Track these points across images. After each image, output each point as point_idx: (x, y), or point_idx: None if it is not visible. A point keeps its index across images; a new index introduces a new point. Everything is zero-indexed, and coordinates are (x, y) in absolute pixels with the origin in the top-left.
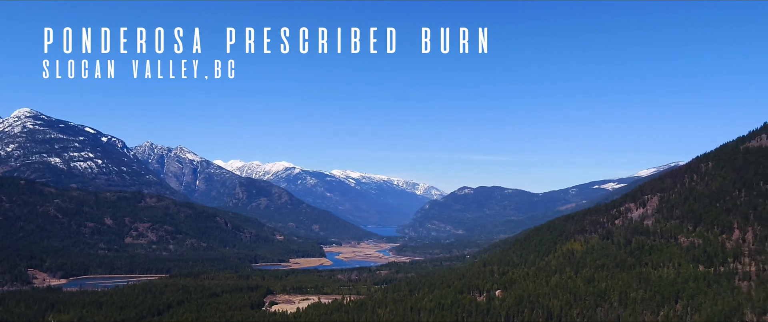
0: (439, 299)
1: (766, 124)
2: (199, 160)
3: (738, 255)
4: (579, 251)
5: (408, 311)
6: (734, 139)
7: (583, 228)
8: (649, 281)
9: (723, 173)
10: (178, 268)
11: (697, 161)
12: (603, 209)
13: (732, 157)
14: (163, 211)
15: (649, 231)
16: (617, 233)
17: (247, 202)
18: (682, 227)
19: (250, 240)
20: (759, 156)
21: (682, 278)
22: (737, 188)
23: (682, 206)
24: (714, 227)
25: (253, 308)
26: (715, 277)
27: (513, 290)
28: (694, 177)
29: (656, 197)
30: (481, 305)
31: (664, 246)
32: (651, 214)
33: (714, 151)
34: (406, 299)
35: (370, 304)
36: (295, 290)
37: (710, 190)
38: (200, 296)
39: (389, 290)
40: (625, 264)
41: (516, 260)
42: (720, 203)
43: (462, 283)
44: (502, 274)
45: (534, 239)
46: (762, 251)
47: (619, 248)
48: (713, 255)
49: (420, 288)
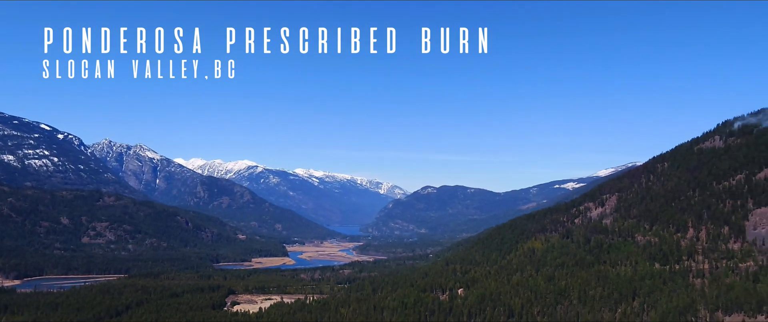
0: (402, 298)
1: (718, 127)
2: (160, 158)
3: (692, 253)
4: (540, 250)
5: (371, 310)
6: (689, 141)
7: (544, 227)
8: (608, 279)
9: (678, 173)
10: (137, 268)
11: (654, 162)
12: (563, 209)
13: (686, 157)
14: (122, 210)
15: (608, 230)
16: (577, 232)
17: (208, 201)
18: (639, 226)
19: (211, 240)
20: (712, 157)
21: (638, 276)
22: (691, 188)
23: (639, 206)
24: (669, 226)
25: (214, 308)
26: (671, 274)
27: (475, 288)
28: (651, 177)
29: (614, 197)
30: (444, 303)
31: (621, 245)
32: (609, 213)
33: (669, 152)
34: (369, 298)
35: (333, 303)
36: (257, 290)
37: (666, 190)
38: (160, 297)
39: (352, 290)
40: (584, 262)
41: (478, 259)
42: (675, 203)
43: (425, 282)
44: (465, 272)
45: (496, 238)
46: (715, 249)
47: (579, 246)
48: (668, 253)
49: (383, 287)
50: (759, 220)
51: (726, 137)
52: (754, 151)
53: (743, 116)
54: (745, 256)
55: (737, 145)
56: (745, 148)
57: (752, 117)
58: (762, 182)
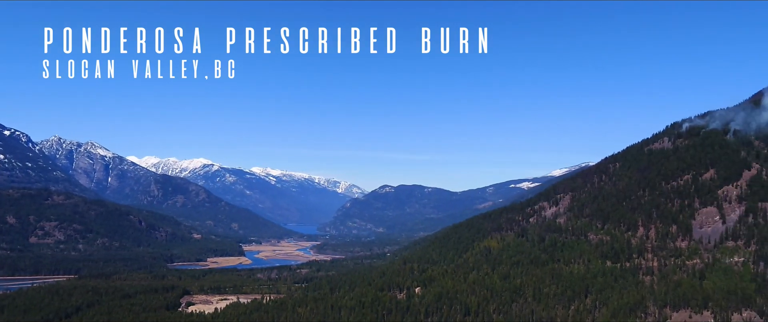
0: (359, 297)
1: (667, 128)
2: (112, 156)
3: (642, 251)
4: (496, 249)
5: (329, 310)
6: (639, 142)
7: (500, 226)
8: (561, 277)
9: (629, 173)
10: (87, 268)
11: (606, 162)
12: (518, 208)
13: (637, 158)
14: (72, 209)
15: (562, 229)
16: (532, 231)
17: (162, 199)
18: (592, 225)
19: (165, 239)
20: (661, 157)
21: (591, 274)
22: (641, 188)
23: (592, 205)
24: (620, 225)
25: (168, 309)
26: (621, 272)
27: (432, 287)
28: (603, 177)
29: (568, 196)
30: (401, 302)
31: (575, 243)
32: (563, 212)
33: (621, 153)
34: (326, 297)
35: (290, 303)
36: (213, 290)
37: (617, 189)
38: (112, 298)
39: (310, 289)
40: (539, 260)
41: (435, 258)
42: (626, 202)
43: (382, 281)
44: (422, 271)
45: (453, 236)
46: (663, 248)
47: (534, 245)
48: (620, 251)
49: (341, 286)
50: (705, 219)
51: (674, 139)
52: (700, 153)
53: (691, 118)
54: (691, 254)
55: (685, 146)
56: (692, 150)
57: (699, 119)
58: (708, 183)
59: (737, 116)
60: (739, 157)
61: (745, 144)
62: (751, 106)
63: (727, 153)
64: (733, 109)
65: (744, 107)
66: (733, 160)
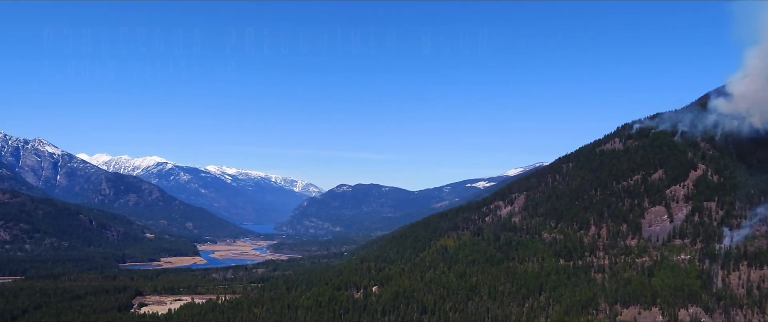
0: (316, 297)
1: (618, 129)
2: (61, 153)
3: (594, 249)
4: (452, 247)
5: (285, 309)
6: (592, 142)
7: (456, 225)
8: (516, 275)
9: (581, 173)
10: (35, 269)
11: (560, 162)
12: (474, 207)
13: (589, 158)
14: (18, 208)
15: (517, 228)
16: (487, 230)
17: (114, 198)
18: (546, 224)
19: (117, 239)
20: (612, 158)
21: (545, 272)
22: (594, 188)
23: (546, 204)
24: (573, 224)
25: (120, 310)
26: (574, 270)
27: (389, 286)
28: (557, 177)
29: (523, 196)
30: (358, 301)
31: (529, 242)
32: (518, 211)
33: (574, 153)
34: (283, 297)
35: (246, 303)
36: (166, 291)
37: (570, 189)
38: (60, 300)
39: (266, 289)
40: (494, 259)
41: (392, 257)
42: (579, 202)
43: (339, 280)
44: (379, 270)
45: (410, 235)
46: (614, 246)
47: (489, 244)
48: (572, 249)
49: (297, 286)
50: (653, 218)
51: (625, 140)
52: (650, 153)
53: (641, 120)
54: (641, 252)
55: (635, 147)
56: (642, 151)
57: (650, 120)
58: (656, 182)
59: (685, 118)
60: (686, 158)
61: (691, 145)
62: (699, 109)
63: (675, 154)
64: (681, 112)
65: (691, 109)
66: (680, 161)
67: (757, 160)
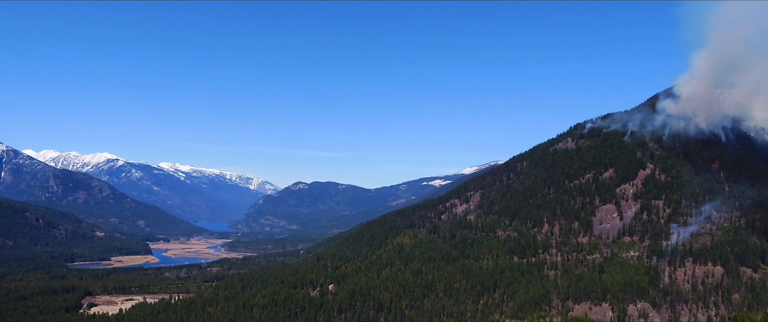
0: (272, 295)
1: (571, 129)
2: (5, 149)
3: (547, 247)
4: (408, 245)
5: (240, 308)
6: (545, 142)
7: (413, 223)
8: (471, 272)
9: (535, 171)
10: None
11: (514, 161)
12: (430, 205)
13: (543, 157)
14: None
15: (472, 225)
16: (443, 228)
17: (62, 196)
18: (500, 222)
19: (65, 237)
20: (565, 157)
21: (499, 269)
22: (547, 186)
23: (501, 202)
24: (527, 222)
25: (68, 311)
26: (528, 267)
27: (346, 283)
28: (511, 175)
29: (478, 194)
30: (315, 299)
31: (484, 239)
32: (473, 209)
33: (528, 152)
34: (238, 296)
35: (200, 302)
36: (117, 290)
37: (524, 187)
38: (5, 300)
39: (220, 288)
40: (450, 257)
41: (349, 255)
42: (532, 200)
43: (296, 278)
44: (336, 268)
45: (366, 233)
46: (566, 243)
47: (445, 241)
48: (526, 247)
49: (253, 284)
50: (604, 216)
51: (577, 139)
52: (601, 153)
53: (593, 120)
54: (592, 249)
55: (587, 146)
56: (594, 150)
57: (601, 121)
58: (607, 181)
59: (635, 119)
60: (636, 158)
61: (640, 145)
62: (648, 110)
63: (625, 154)
64: (631, 112)
65: (641, 110)
66: (630, 160)
67: (702, 160)
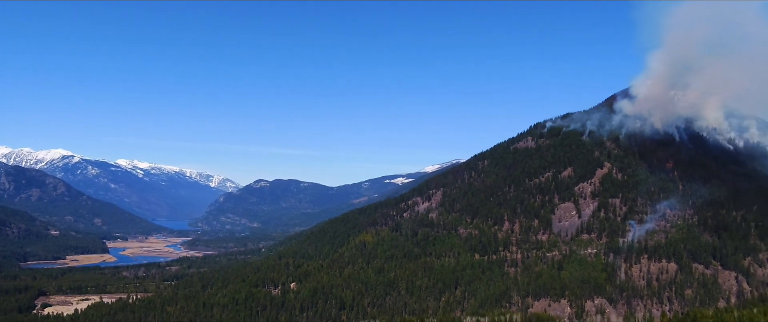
0: (233, 294)
1: (531, 128)
2: None
3: (507, 244)
4: (370, 243)
5: (200, 308)
6: (506, 140)
7: (375, 221)
8: (433, 270)
9: (496, 170)
10: None
11: (475, 159)
12: (393, 203)
13: (504, 156)
14: None
15: (434, 223)
16: (405, 226)
17: (14, 193)
18: (462, 219)
19: (18, 236)
20: (525, 156)
21: (461, 266)
22: (507, 184)
23: (462, 200)
24: (488, 219)
25: (21, 311)
26: (488, 264)
27: (308, 282)
28: (473, 174)
29: (440, 192)
30: (276, 298)
31: (446, 237)
32: (435, 207)
33: (489, 151)
34: (198, 295)
35: (158, 302)
36: (72, 290)
37: (485, 185)
38: None
39: (180, 287)
40: (412, 254)
41: (311, 253)
42: (493, 198)
43: (257, 276)
44: (298, 266)
45: (329, 231)
46: (526, 241)
47: (407, 239)
48: (487, 244)
49: (213, 283)
50: (563, 214)
51: (537, 138)
52: (560, 152)
53: (553, 119)
54: (551, 246)
55: (547, 145)
56: (553, 149)
57: (561, 120)
58: (566, 180)
59: (593, 118)
60: (594, 157)
61: (598, 145)
62: (606, 109)
63: (583, 152)
64: (590, 112)
65: (600, 110)
66: (588, 159)
67: (657, 159)
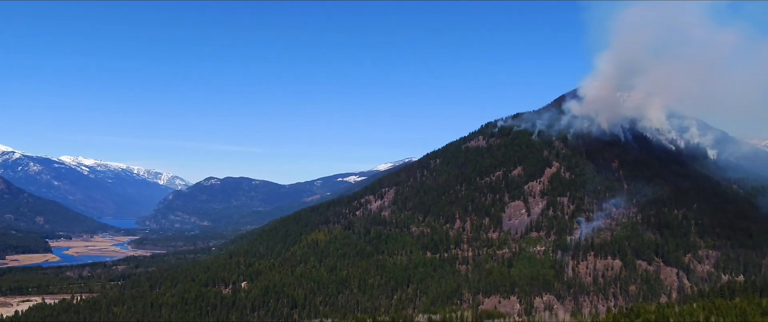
0: (182, 294)
1: (482, 128)
2: None
3: (459, 242)
4: (323, 241)
5: (148, 308)
6: (457, 139)
7: (327, 219)
8: (385, 268)
9: (448, 169)
10: None
11: (428, 158)
12: (346, 201)
13: (455, 155)
14: None
15: (386, 221)
16: (358, 224)
17: None
18: (414, 218)
19: None
20: (476, 155)
21: (413, 264)
22: (459, 183)
23: (414, 199)
24: (440, 218)
25: None
26: (440, 262)
27: (259, 281)
28: (425, 172)
29: (393, 190)
30: (227, 297)
31: (398, 235)
32: (388, 205)
33: (441, 149)
34: (146, 295)
35: (104, 302)
36: (12, 291)
37: (437, 184)
38: None
39: (127, 287)
40: (364, 253)
41: (262, 251)
42: (445, 196)
43: (207, 276)
44: (249, 265)
45: (281, 230)
46: (477, 239)
47: (360, 237)
48: (439, 242)
49: (162, 283)
50: (513, 212)
51: (488, 138)
52: (510, 151)
53: (504, 119)
54: (501, 244)
55: (497, 145)
56: (504, 148)
57: (511, 120)
58: (516, 179)
59: (543, 118)
60: (543, 156)
61: (547, 144)
62: (556, 110)
63: (533, 152)
64: (540, 112)
65: (549, 110)
66: (537, 158)
67: (603, 158)
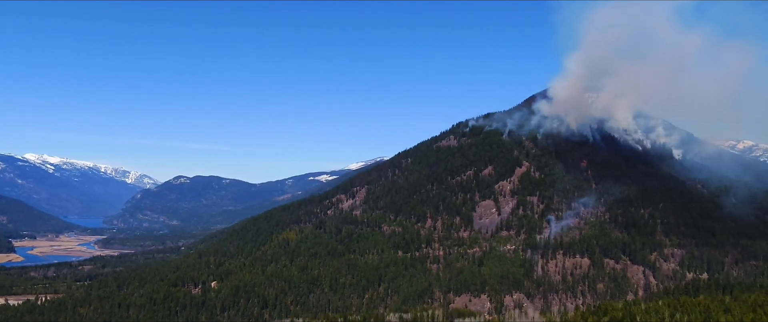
0: (150, 294)
1: (453, 127)
2: None
3: (430, 241)
4: (294, 240)
5: (116, 308)
6: (429, 139)
7: (299, 218)
8: (357, 267)
9: (420, 168)
10: None
11: (399, 157)
12: (317, 200)
13: (427, 154)
14: None
15: (358, 221)
16: (329, 223)
17: None
18: (386, 217)
19: None
20: (447, 154)
21: (384, 263)
22: (430, 182)
23: (386, 198)
24: (411, 217)
25: None
26: (412, 261)
27: (229, 280)
28: (396, 172)
29: (364, 189)
30: (197, 297)
31: (370, 234)
32: (359, 205)
33: (413, 149)
34: (113, 295)
35: (70, 303)
36: None
37: (409, 183)
38: None
39: (93, 287)
40: (336, 252)
41: (233, 251)
42: (416, 195)
43: (176, 275)
44: (219, 265)
45: (251, 229)
46: (448, 238)
47: (331, 236)
48: (410, 241)
49: (129, 283)
50: (484, 211)
51: (459, 138)
52: (481, 151)
53: (475, 119)
54: (472, 243)
55: (468, 144)
56: (475, 148)
57: (483, 120)
58: (487, 178)
59: (514, 118)
60: (513, 156)
61: (517, 144)
62: (526, 110)
63: (503, 152)
64: (511, 112)
65: (520, 110)
66: (508, 158)
67: (572, 158)
